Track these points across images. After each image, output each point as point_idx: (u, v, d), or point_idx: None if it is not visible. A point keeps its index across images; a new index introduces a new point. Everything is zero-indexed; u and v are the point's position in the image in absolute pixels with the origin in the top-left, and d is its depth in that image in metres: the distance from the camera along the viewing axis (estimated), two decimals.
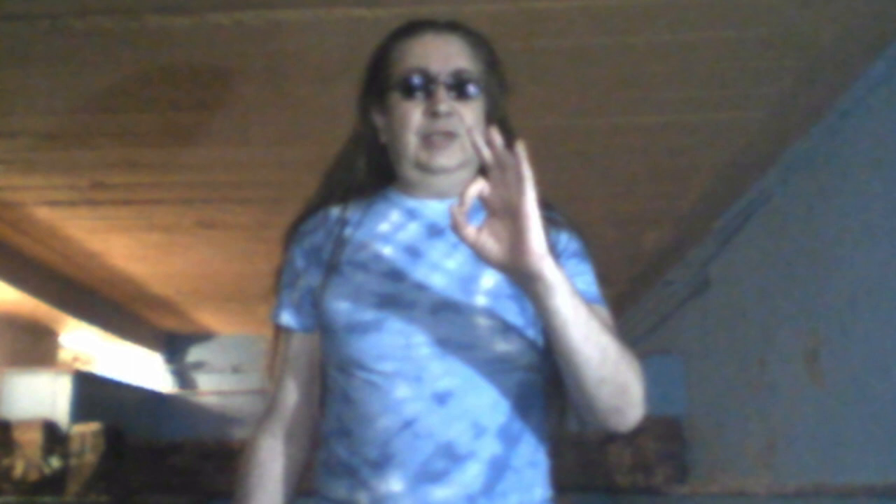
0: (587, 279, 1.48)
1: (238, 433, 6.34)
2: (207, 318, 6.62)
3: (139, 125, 3.08)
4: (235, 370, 7.12)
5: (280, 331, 1.51)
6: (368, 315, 1.38)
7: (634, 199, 3.89)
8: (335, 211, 1.51)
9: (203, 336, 7.24)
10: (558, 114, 2.96)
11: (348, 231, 1.47)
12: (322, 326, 1.44)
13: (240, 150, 3.30)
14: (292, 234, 1.52)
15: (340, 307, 1.40)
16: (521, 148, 1.22)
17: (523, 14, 2.32)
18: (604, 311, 1.47)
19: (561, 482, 1.49)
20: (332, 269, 1.43)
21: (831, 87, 2.75)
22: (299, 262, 1.48)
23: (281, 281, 1.51)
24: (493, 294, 1.39)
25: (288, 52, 2.53)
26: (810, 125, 2.99)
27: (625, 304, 5.62)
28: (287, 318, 1.49)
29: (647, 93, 2.82)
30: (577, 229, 1.52)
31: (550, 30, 2.42)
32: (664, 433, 4.63)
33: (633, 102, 2.89)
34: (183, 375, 7.25)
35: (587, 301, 1.34)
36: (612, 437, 5.13)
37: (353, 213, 1.50)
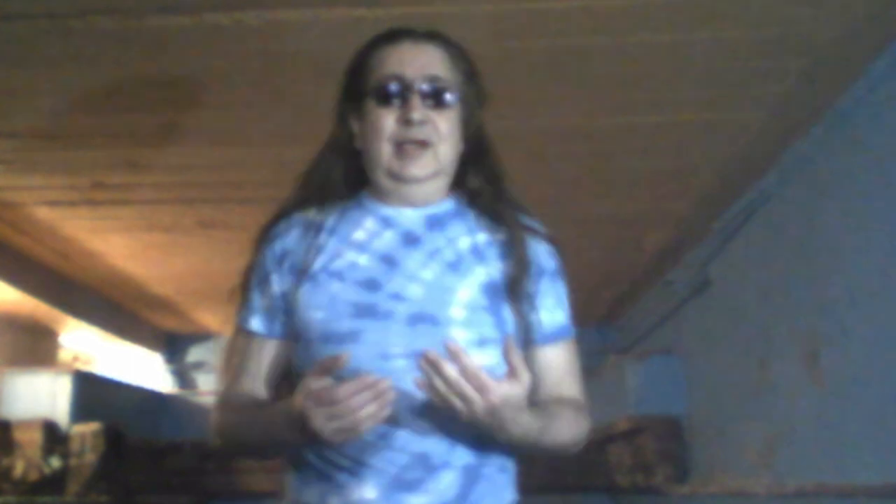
0: (558, 307, 1.49)
1: None
2: (207, 318, 6.61)
3: (139, 125, 3.08)
4: None
5: (242, 333, 1.49)
6: (344, 325, 1.37)
7: (634, 200, 3.89)
8: (309, 215, 1.49)
9: (203, 336, 7.23)
10: (558, 114, 2.96)
11: (323, 237, 1.46)
12: (296, 335, 1.43)
13: (240, 150, 3.30)
14: (264, 237, 1.51)
15: (315, 317, 1.39)
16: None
17: (523, 14, 2.32)
18: (567, 349, 1.50)
19: (561, 482, 1.49)
20: (306, 276, 1.42)
21: (831, 87, 2.75)
22: (270, 266, 1.48)
23: (249, 282, 1.50)
24: (470, 306, 1.39)
25: (288, 52, 2.53)
26: (810, 125, 2.99)
27: (625, 304, 5.62)
28: (257, 323, 1.47)
29: (647, 93, 2.82)
30: (555, 242, 1.54)
31: (550, 30, 2.42)
32: (664, 433, 4.63)
33: (633, 102, 2.89)
34: (183, 375, 7.24)
35: (560, 338, 1.46)
36: (611, 437, 5.13)
37: (327, 218, 1.48)
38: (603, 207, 3.96)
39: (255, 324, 1.47)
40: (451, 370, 1.22)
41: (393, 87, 1.43)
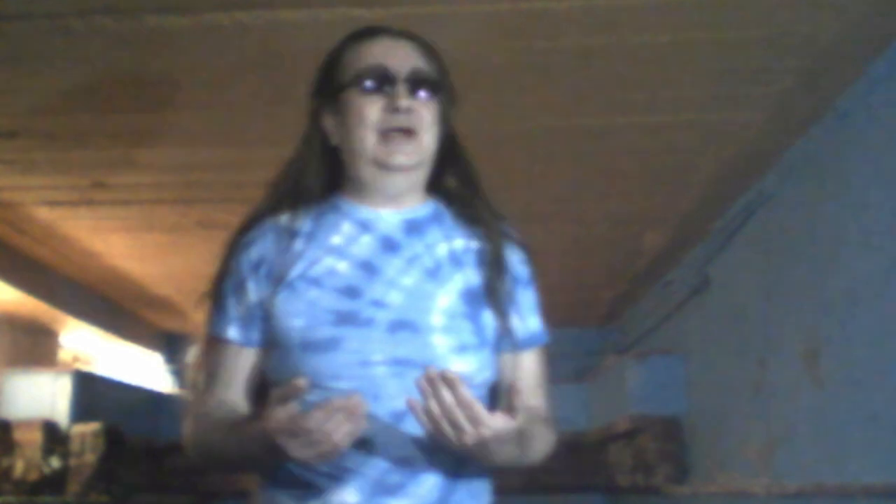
0: (531, 313, 1.51)
1: None
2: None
3: (139, 125, 3.08)
4: None
5: (218, 342, 1.46)
6: (324, 333, 1.35)
7: (634, 199, 3.89)
8: (283, 220, 1.47)
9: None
10: (558, 114, 2.96)
11: (299, 243, 1.44)
12: (273, 343, 1.40)
13: (240, 150, 3.30)
14: (236, 243, 1.48)
15: (294, 324, 1.37)
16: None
17: (523, 14, 2.32)
18: (539, 357, 1.52)
19: (561, 482, 1.50)
20: (283, 283, 1.40)
21: (831, 87, 2.75)
22: (245, 273, 1.44)
23: (221, 291, 1.46)
24: (449, 313, 1.39)
25: (288, 52, 2.53)
26: (810, 125, 2.99)
27: (625, 304, 5.62)
28: (234, 332, 1.44)
29: (647, 93, 2.82)
30: (526, 247, 1.54)
31: (550, 30, 2.42)
32: (664, 433, 4.63)
33: (633, 102, 2.89)
34: (183, 375, 7.24)
35: (535, 344, 1.47)
36: (612, 437, 5.14)
37: (302, 223, 1.46)
38: (603, 207, 3.96)
39: (232, 332, 1.44)
40: (448, 396, 1.22)
41: (377, 76, 1.43)
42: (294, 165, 1.53)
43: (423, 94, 1.44)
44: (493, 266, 1.44)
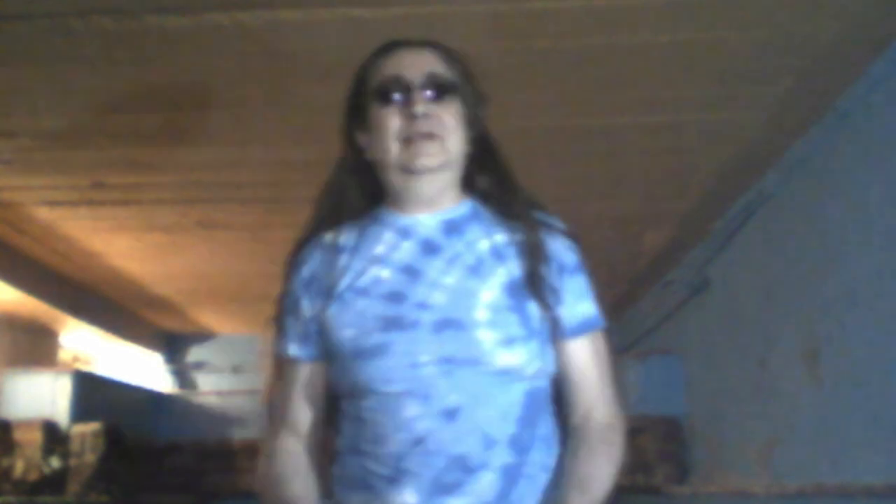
0: (580, 300, 1.50)
1: (238, 433, 6.34)
2: (207, 318, 6.61)
3: (139, 125, 3.08)
4: (235, 370, 7.12)
5: (286, 361, 1.53)
6: (373, 340, 1.39)
7: (634, 199, 3.89)
8: (328, 237, 1.52)
9: (203, 336, 7.23)
10: (558, 114, 2.96)
11: (345, 258, 1.48)
12: (329, 355, 1.46)
13: (240, 150, 3.30)
14: (291, 263, 1.53)
15: (345, 335, 1.42)
16: None
17: (523, 14, 2.32)
18: (592, 343, 1.51)
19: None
20: (333, 297, 1.45)
21: (831, 87, 2.75)
22: (299, 292, 1.50)
23: (282, 310, 1.53)
24: (494, 307, 1.40)
25: (288, 52, 2.53)
26: (810, 125, 2.99)
27: (625, 304, 5.62)
28: (294, 349, 1.50)
29: (647, 93, 2.82)
30: (572, 234, 1.54)
31: (550, 30, 2.42)
32: (664, 433, 4.64)
33: (633, 102, 2.89)
34: (183, 375, 7.25)
35: (586, 331, 1.47)
36: None
37: (346, 238, 1.51)
38: (603, 207, 3.96)
39: (293, 349, 1.50)
40: None
41: (393, 86, 1.45)
42: (333, 185, 1.56)
43: (440, 97, 1.45)
44: (533, 256, 1.45)
